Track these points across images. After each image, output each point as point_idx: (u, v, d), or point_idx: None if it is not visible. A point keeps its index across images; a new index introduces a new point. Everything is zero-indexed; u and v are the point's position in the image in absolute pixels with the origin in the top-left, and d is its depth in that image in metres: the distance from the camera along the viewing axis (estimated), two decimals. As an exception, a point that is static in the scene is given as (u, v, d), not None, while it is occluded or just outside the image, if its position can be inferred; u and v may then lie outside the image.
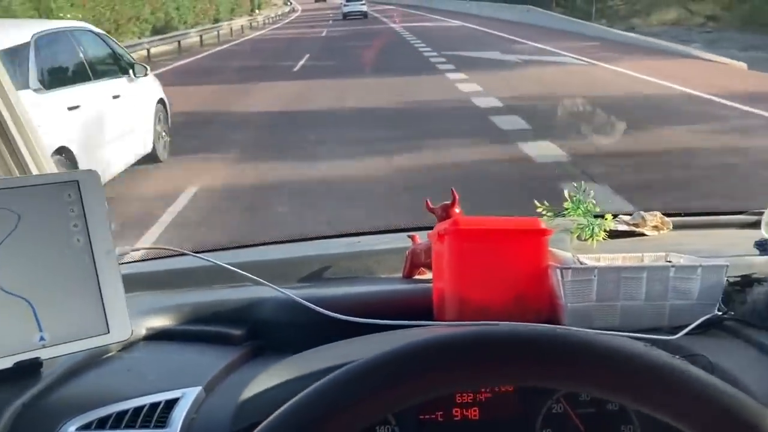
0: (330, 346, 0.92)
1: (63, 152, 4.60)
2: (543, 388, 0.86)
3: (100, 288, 0.88)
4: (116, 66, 6.15)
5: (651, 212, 1.50)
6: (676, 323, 1.00)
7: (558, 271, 1.01)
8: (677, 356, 0.89)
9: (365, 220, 4.50)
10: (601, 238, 1.37)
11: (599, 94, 10.05)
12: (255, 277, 1.03)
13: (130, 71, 6.20)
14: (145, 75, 6.41)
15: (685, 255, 1.10)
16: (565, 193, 1.45)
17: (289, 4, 58.86)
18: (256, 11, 35.26)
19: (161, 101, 6.80)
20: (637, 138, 7.11)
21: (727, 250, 1.34)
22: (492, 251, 1.02)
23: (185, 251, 1.09)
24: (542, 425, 0.86)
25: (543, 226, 1.04)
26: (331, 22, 33.97)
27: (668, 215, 1.51)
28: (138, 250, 0.96)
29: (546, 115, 8.38)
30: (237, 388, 0.86)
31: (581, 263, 1.07)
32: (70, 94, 5.03)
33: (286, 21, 39.10)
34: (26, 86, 4.47)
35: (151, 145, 6.37)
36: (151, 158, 6.38)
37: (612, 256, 1.14)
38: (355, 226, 1.66)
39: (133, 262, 1.26)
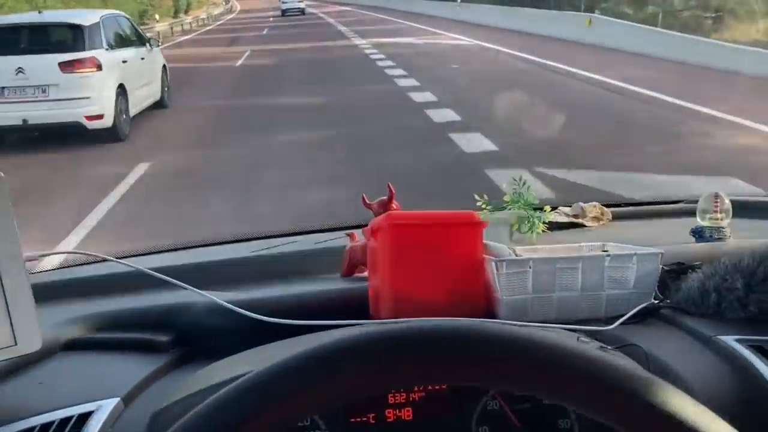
0: (258, 349, 0.87)
1: (121, 87, 7.74)
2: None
3: (5, 295, 0.81)
4: (139, 39, 9.19)
5: (591, 203, 1.50)
6: (613, 313, 0.99)
7: (493, 264, 0.99)
8: (612, 347, 0.88)
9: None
10: (540, 231, 1.36)
11: None
12: (179, 282, 0.98)
13: (147, 44, 9.24)
14: (158, 46, 9.87)
15: (622, 244, 1.09)
16: (504, 186, 1.43)
17: (226, 2, 50.15)
18: (155, 17, 26.53)
19: (164, 66, 9.82)
20: None
21: (666, 238, 1.35)
22: (426, 246, 0.99)
23: (106, 257, 1.03)
24: (478, 422, 0.83)
25: (478, 219, 1.02)
26: (265, 31, 24.90)
27: (608, 206, 1.51)
28: (47, 254, 0.89)
29: None
30: (158, 398, 0.81)
31: (517, 255, 1.05)
32: (121, 53, 8.21)
33: (209, 28, 28.79)
34: (101, 47, 7.72)
35: (160, 95, 9.42)
36: (160, 104, 9.39)
37: (549, 248, 1.13)
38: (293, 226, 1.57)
39: (53, 269, 1.20)
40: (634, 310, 0.96)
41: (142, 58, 8.83)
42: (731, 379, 0.79)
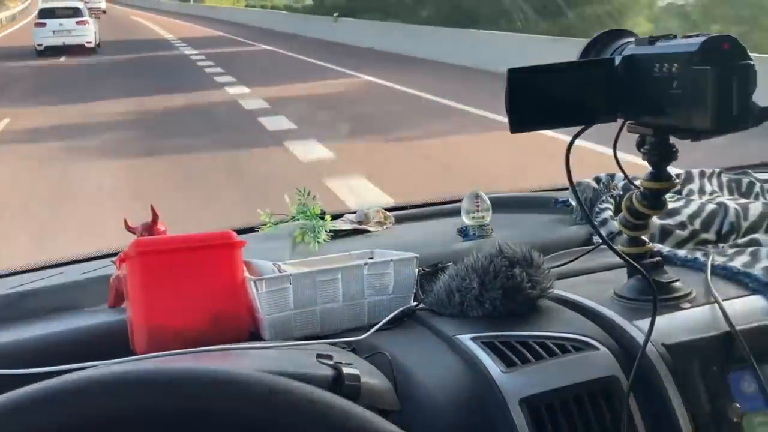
0: None
1: (94, 33, 20.73)
2: None
3: None
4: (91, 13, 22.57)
5: (374, 208, 1.53)
6: (375, 319, 1.01)
7: (252, 284, 0.98)
8: (366, 356, 0.90)
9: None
10: (322, 240, 1.37)
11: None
12: None
13: (93, 17, 22.52)
14: (97, 18, 24.76)
15: (386, 250, 1.13)
16: (286, 197, 1.43)
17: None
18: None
19: (97, 27, 21.84)
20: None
21: (440, 238, 1.41)
22: (179, 271, 0.96)
23: None
24: None
25: (235, 238, 1.00)
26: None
27: (390, 210, 1.56)
28: None
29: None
30: None
31: (281, 271, 1.05)
32: (91, 22, 20.80)
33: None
34: (87, 16, 20.72)
35: (98, 41, 20.82)
36: (99, 45, 20.76)
37: (320, 259, 1.14)
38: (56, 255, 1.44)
39: None
40: (389, 317, 0.99)
41: (94, 23, 20.96)
42: (465, 377, 0.83)
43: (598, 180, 1.40)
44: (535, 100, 0.82)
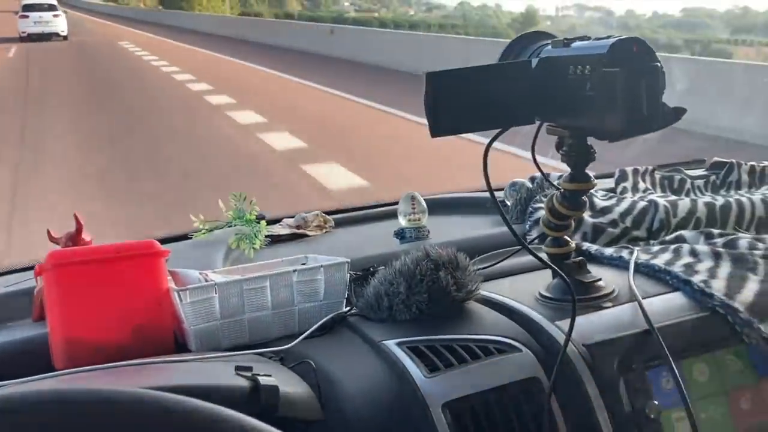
0: None
1: (66, 24, 27.36)
2: None
3: None
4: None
5: (313, 212, 1.52)
6: (307, 326, 1.00)
7: (176, 294, 0.95)
8: (294, 364, 0.89)
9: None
10: (258, 246, 1.35)
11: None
12: None
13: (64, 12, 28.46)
14: (65, 13, 28.62)
15: (320, 255, 1.11)
16: (221, 203, 1.41)
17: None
18: None
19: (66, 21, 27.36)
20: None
21: (378, 241, 1.40)
22: (99, 284, 0.93)
23: None
24: None
25: (157, 247, 0.98)
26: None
27: (329, 213, 1.54)
28: None
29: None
30: None
31: (207, 280, 1.03)
32: (63, 15, 27.19)
33: None
34: (60, 11, 27.12)
35: (67, 32, 26.23)
36: (68, 35, 26.36)
37: (251, 266, 1.12)
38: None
39: None
40: (318, 324, 0.98)
41: (65, 16, 26.53)
42: (389, 384, 0.82)
43: (533, 179, 1.41)
44: (455, 104, 0.81)
